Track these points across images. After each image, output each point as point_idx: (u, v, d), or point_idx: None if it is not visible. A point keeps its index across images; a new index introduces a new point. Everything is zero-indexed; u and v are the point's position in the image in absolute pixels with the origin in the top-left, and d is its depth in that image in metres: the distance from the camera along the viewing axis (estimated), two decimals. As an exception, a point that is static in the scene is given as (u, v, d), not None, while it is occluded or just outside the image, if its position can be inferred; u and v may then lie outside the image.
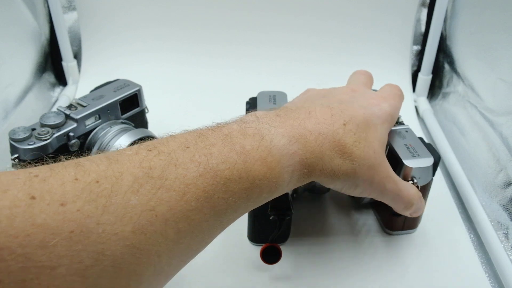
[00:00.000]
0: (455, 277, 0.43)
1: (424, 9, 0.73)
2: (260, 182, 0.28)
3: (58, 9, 0.69)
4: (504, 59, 0.53)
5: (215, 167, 0.26)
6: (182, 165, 0.25)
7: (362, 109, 0.36)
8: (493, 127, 0.53)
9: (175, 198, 0.24)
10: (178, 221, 0.24)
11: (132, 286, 0.22)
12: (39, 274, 0.19)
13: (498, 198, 0.49)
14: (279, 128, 0.31)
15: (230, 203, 0.27)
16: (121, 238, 0.21)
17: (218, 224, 0.27)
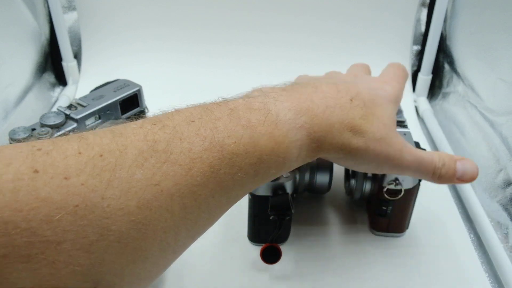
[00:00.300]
0: (455, 277, 0.43)
1: (424, 9, 0.73)
2: (267, 158, 0.27)
3: (58, 9, 0.69)
4: (504, 59, 0.53)
5: (221, 141, 0.25)
6: (187, 139, 0.24)
7: (366, 89, 0.35)
8: (493, 127, 0.53)
9: (180, 173, 0.23)
10: (183, 196, 0.23)
11: (138, 262, 0.22)
12: (44, 248, 0.19)
13: (498, 198, 0.49)
14: (285, 102, 0.30)
15: (237, 179, 0.26)
16: (126, 213, 0.21)
17: (225, 200, 0.26)
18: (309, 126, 0.30)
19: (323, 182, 0.48)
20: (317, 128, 0.30)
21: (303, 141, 0.29)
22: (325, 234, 0.47)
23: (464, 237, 0.48)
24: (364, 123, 0.32)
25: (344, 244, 0.46)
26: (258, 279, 0.42)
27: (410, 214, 0.46)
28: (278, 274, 0.42)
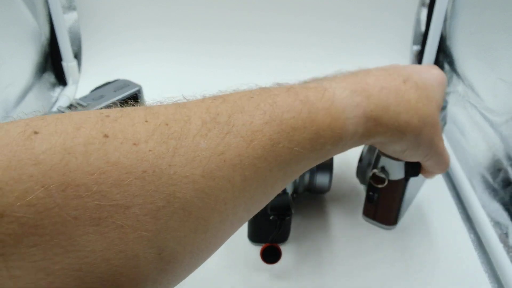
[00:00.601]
0: (455, 277, 0.43)
1: (424, 9, 0.73)
2: (324, 133, 0.28)
3: (58, 9, 0.69)
4: (504, 59, 0.53)
5: (280, 116, 0.26)
6: (248, 112, 0.25)
7: (416, 72, 0.35)
8: (493, 127, 0.53)
9: (242, 145, 0.23)
10: (245, 168, 0.23)
11: (199, 232, 0.22)
12: (113, 212, 0.19)
13: (498, 198, 0.49)
14: (340, 82, 0.31)
15: (295, 153, 0.26)
16: (191, 181, 0.21)
17: (281, 175, 0.26)
18: (365, 105, 0.30)
19: (323, 182, 0.48)
20: (373, 107, 0.30)
21: (359, 119, 0.30)
22: (325, 234, 0.47)
23: (464, 237, 0.48)
24: (420, 106, 0.33)
25: (344, 244, 0.46)
26: (258, 279, 0.42)
27: (398, 209, 0.46)
28: (278, 274, 0.42)
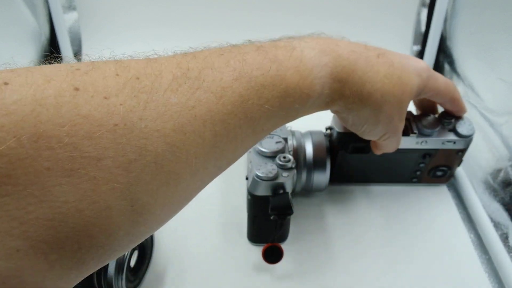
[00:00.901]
0: (455, 277, 0.43)
1: (424, 9, 0.73)
2: (292, 91, 0.28)
3: (58, 9, 0.69)
4: (504, 59, 0.53)
5: (249, 73, 0.26)
6: (218, 69, 0.25)
7: (398, 55, 0.36)
8: (493, 127, 0.53)
9: (212, 100, 0.24)
10: (215, 123, 0.24)
11: (170, 185, 0.22)
12: (85, 164, 0.19)
13: (498, 198, 0.49)
14: (310, 42, 0.31)
15: (264, 110, 0.27)
16: (162, 135, 0.21)
17: (251, 132, 0.27)
18: (332, 65, 0.30)
19: (320, 181, 0.48)
20: (340, 69, 0.31)
21: (326, 79, 0.30)
22: (323, 232, 0.47)
23: (464, 237, 0.48)
24: (386, 82, 0.33)
25: (343, 243, 0.46)
26: (258, 279, 0.42)
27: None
28: (278, 274, 0.42)
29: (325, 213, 0.50)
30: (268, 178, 0.40)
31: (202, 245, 0.45)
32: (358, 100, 0.32)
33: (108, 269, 0.37)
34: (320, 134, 0.48)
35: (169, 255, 0.44)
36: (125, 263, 0.37)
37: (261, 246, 0.43)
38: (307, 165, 0.47)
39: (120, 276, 0.37)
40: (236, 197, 0.51)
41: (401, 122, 0.37)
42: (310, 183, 0.48)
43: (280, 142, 0.43)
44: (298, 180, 0.47)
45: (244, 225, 0.45)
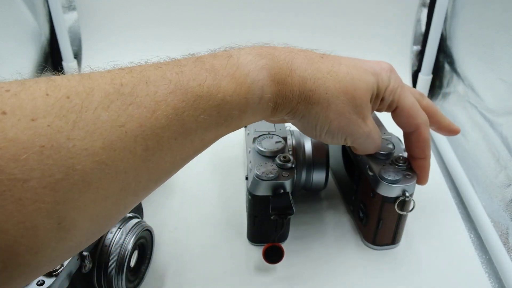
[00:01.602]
0: (455, 277, 0.43)
1: (424, 9, 0.73)
2: (230, 99, 0.28)
3: (58, 9, 0.69)
4: (504, 59, 0.53)
5: (185, 84, 0.26)
6: (153, 82, 0.25)
7: (352, 58, 0.35)
8: (493, 127, 0.53)
9: (145, 115, 0.24)
10: (147, 138, 0.24)
11: (99, 201, 0.23)
12: (11, 186, 0.19)
13: (499, 198, 0.49)
14: (247, 49, 0.31)
15: (200, 121, 0.27)
16: (91, 153, 0.22)
17: (188, 143, 0.27)
18: (269, 67, 0.30)
19: (319, 180, 0.48)
20: (278, 70, 0.30)
21: (265, 81, 0.30)
22: (323, 232, 0.47)
23: (464, 237, 0.47)
24: (331, 79, 0.32)
25: (343, 242, 0.46)
26: (258, 279, 0.42)
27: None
28: (278, 274, 0.42)
29: (325, 213, 0.50)
30: (268, 178, 0.40)
31: (202, 245, 0.45)
32: (303, 100, 0.32)
33: (108, 269, 0.37)
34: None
35: (169, 255, 0.44)
36: (125, 263, 0.37)
37: (261, 246, 0.43)
38: (306, 164, 0.47)
39: (120, 276, 0.37)
40: (236, 197, 0.51)
41: (364, 120, 0.35)
42: (309, 182, 0.48)
43: (280, 142, 0.43)
44: (298, 179, 0.48)
45: (244, 225, 0.45)
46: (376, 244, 0.44)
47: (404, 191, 0.40)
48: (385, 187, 0.40)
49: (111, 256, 0.37)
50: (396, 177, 0.40)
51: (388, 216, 0.42)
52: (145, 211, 0.47)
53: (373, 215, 0.43)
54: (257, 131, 0.45)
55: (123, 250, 0.37)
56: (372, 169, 0.41)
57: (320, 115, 0.33)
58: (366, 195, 0.43)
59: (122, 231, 0.38)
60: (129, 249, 0.37)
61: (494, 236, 0.46)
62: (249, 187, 0.41)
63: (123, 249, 0.37)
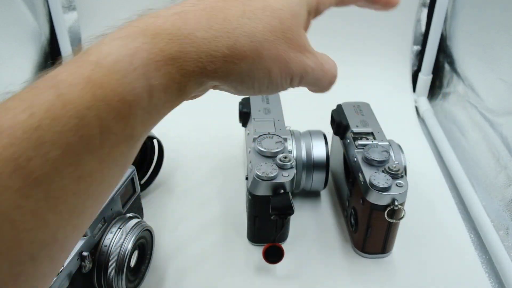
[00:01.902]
0: (456, 277, 0.43)
1: (425, 9, 0.73)
2: (88, 112, 0.20)
3: (58, 9, 0.69)
4: (504, 59, 0.53)
5: (21, 122, 0.19)
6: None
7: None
8: (493, 127, 0.53)
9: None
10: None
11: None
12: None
13: (499, 198, 0.49)
14: (115, 32, 0.24)
15: (54, 162, 0.20)
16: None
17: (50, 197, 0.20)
18: (149, 46, 0.22)
19: (319, 181, 0.48)
20: (165, 43, 0.23)
21: (148, 67, 0.22)
22: (323, 232, 0.47)
23: (464, 237, 0.47)
24: (247, 22, 0.25)
25: (343, 242, 0.46)
26: (259, 279, 0.42)
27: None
28: (278, 274, 0.42)
29: (325, 212, 0.50)
30: (268, 178, 0.40)
31: (202, 245, 0.45)
32: (222, 63, 0.24)
33: (108, 270, 0.37)
34: (319, 134, 0.48)
35: (169, 255, 0.44)
36: (125, 263, 0.37)
37: (261, 246, 0.43)
38: (306, 165, 0.47)
39: (120, 276, 0.37)
40: (236, 197, 0.51)
41: (303, 52, 0.28)
42: (309, 183, 0.48)
43: (280, 142, 0.43)
44: (298, 179, 0.48)
45: (244, 225, 0.45)
46: (365, 252, 0.44)
47: (394, 200, 0.40)
48: (375, 194, 0.40)
49: (111, 256, 0.37)
50: (386, 185, 0.39)
51: (376, 224, 0.42)
52: (145, 211, 0.47)
53: (363, 223, 0.42)
54: (257, 131, 0.45)
55: (123, 250, 0.37)
56: (364, 176, 0.41)
57: (254, 69, 0.26)
58: (357, 202, 0.43)
59: (122, 231, 0.38)
60: (129, 249, 0.37)
61: (494, 236, 0.46)
62: (249, 187, 0.41)
63: (123, 249, 0.37)
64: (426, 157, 0.60)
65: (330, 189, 0.53)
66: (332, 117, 0.50)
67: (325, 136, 0.48)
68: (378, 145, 0.44)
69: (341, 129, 0.48)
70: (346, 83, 0.73)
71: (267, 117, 0.48)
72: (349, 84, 0.74)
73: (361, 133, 0.46)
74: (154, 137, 0.49)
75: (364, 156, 0.42)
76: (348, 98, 0.52)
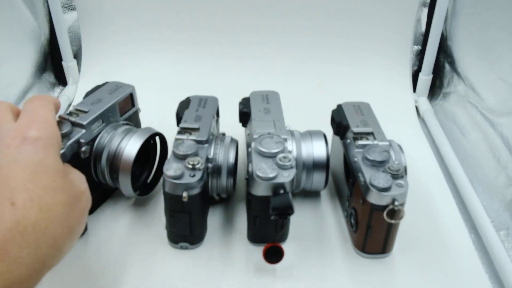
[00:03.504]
0: (456, 277, 0.43)
1: (425, 9, 0.73)
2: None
3: (58, 9, 0.69)
4: (505, 59, 0.53)
5: None
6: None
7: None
8: (493, 127, 0.53)
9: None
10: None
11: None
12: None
13: (499, 199, 0.49)
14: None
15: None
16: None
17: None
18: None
19: (319, 181, 0.48)
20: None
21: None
22: (323, 232, 0.47)
23: (464, 237, 0.47)
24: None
25: (343, 242, 0.46)
26: (259, 279, 0.42)
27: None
28: (278, 274, 0.42)
29: (325, 212, 0.50)
30: (268, 178, 0.40)
31: (202, 245, 0.45)
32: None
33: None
34: (319, 134, 0.48)
35: (169, 255, 0.44)
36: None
37: (261, 246, 0.43)
38: (306, 165, 0.47)
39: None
40: (236, 197, 0.51)
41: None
42: (309, 183, 0.48)
43: (280, 142, 0.43)
44: (298, 179, 0.47)
45: (244, 225, 0.45)
46: (365, 252, 0.44)
47: (394, 200, 0.39)
48: (375, 194, 0.40)
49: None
50: (386, 185, 0.39)
51: (377, 225, 0.41)
52: (145, 211, 0.47)
53: (363, 223, 0.42)
54: (257, 131, 0.45)
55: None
56: (364, 176, 0.41)
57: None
58: (357, 202, 0.43)
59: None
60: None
61: (494, 236, 0.46)
62: (249, 187, 0.41)
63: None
64: (426, 157, 0.60)
65: (330, 189, 0.53)
66: (332, 117, 0.50)
67: (325, 136, 0.48)
68: (378, 145, 0.44)
69: (341, 129, 0.48)
70: (346, 83, 0.74)
71: (267, 117, 0.48)
72: (349, 84, 0.74)
73: (361, 133, 0.46)
74: (158, 133, 0.49)
75: (364, 156, 0.42)
76: (348, 98, 0.52)
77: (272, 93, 0.52)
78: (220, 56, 0.75)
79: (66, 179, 0.31)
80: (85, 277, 0.41)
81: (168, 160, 0.41)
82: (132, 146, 0.45)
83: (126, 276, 0.41)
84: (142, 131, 0.47)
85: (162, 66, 0.76)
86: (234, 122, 0.52)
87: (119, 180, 0.45)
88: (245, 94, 0.53)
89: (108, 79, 0.52)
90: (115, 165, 0.45)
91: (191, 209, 0.41)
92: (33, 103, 0.34)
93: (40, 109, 0.33)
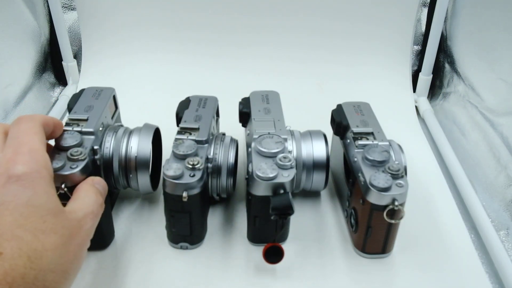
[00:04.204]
0: (456, 277, 0.43)
1: (425, 9, 0.73)
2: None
3: (58, 9, 0.69)
4: (505, 59, 0.53)
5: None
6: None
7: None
8: (493, 127, 0.53)
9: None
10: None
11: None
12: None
13: (499, 199, 0.49)
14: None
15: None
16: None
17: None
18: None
19: (319, 181, 0.48)
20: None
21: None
22: (323, 232, 0.47)
23: (464, 237, 0.47)
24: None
25: (343, 242, 0.46)
26: (259, 279, 0.42)
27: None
28: (278, 274, 0.42)
29: (325, 212, 0.50)
30: (268, 178, 0.40)
31: (202, 245, 0.45)
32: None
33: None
34: (319, 134, 0.48)
35: (169, 255, 0.44)
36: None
37: (261, 246, 0.43)
38: (306, 165, 0.47)
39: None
40: (236, 197, 0.51)
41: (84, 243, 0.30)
42: (309, 183, 0.48)
43: (280, 142, 0.43)
44: (298, 179, 0.47)
45: (244, 225, 0.45)
46: (365, 252, 0.44)
47: (394, 200, 0.39)
48: (375, 194, 0.40)
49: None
50: (386, 185, 0.39)
51: (377, 225, 0.41)
52: (145, 211, 0.47)
53: (363, 223, 0.42)
54: (257, 131, 0.45)
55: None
56: (364, 176, 0.41)
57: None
58: (357, 202, 0.43)
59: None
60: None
61: (494, 236, 0.46)
62: (249, 187, 0.41)
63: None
64: (426, 157, 0.60)
65: (330, 189, 0.53)
66: (332, 117, 0.50)
67: (325, 136, 0.48)
68: (378, 145, 0.44)
69: (341, 129, 0.48)
70: (346, 83, 0.74)
71: (267, 117, 0.48)
72: (349, 84, 0.74)
73: (361, 133, 0.46)
74: (157, 127, 0.49)
75: (364, 156, 0.42)
76: (348, 98, 0.52)
77: (272, 93, 0.52)
78: (220, 56, 0.75)
79: (59, 216, 0.29)
80: (85, 277, 0.41)
81: (168, 160, 0.41)
82: (145, 143, 0.45)
83: (126, 276, 0.42)
84: (145, 128, 0.47)
85: (162, 66, 0.75)
86: (234, 122, 0.52)
87: (137, 178, 0.46)
88: (245, 94, 0.53)
89: (108, 79, 0.52)
90: (129, 164, 0.45)
91: (191, 209, 0.41)
92: (18, 127, 0.32)
93: (25, 136, 0.31)
